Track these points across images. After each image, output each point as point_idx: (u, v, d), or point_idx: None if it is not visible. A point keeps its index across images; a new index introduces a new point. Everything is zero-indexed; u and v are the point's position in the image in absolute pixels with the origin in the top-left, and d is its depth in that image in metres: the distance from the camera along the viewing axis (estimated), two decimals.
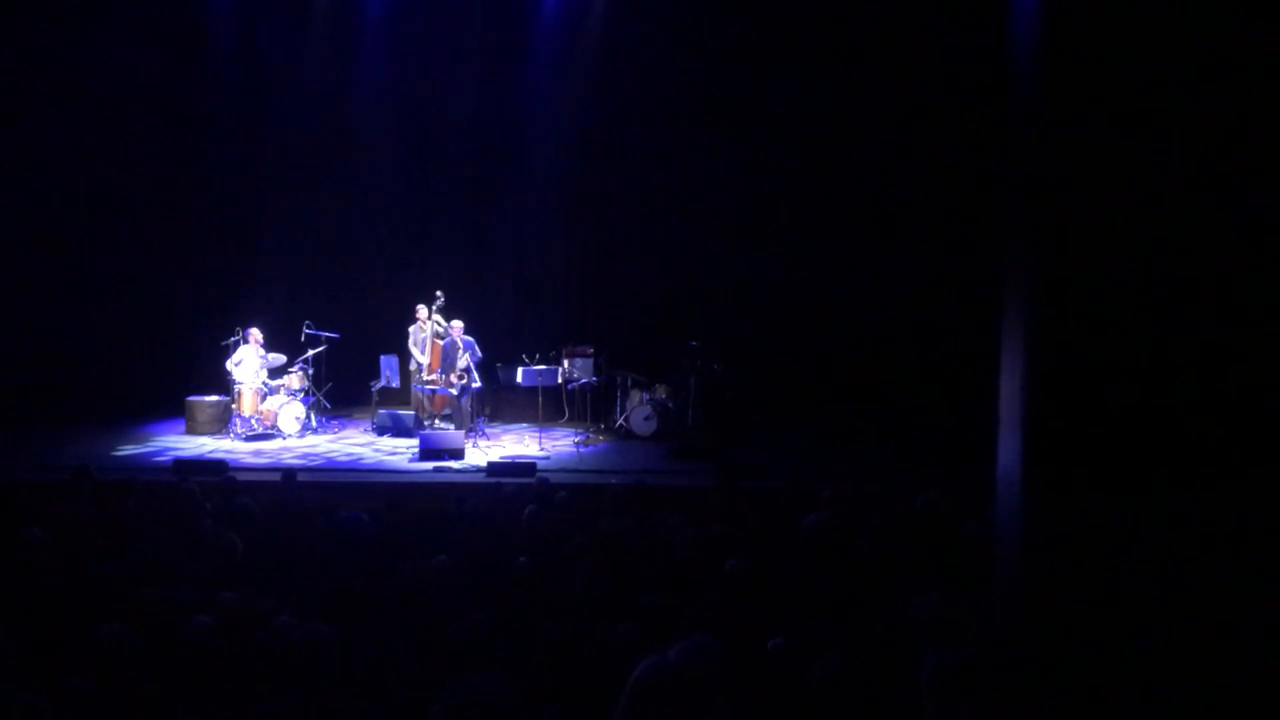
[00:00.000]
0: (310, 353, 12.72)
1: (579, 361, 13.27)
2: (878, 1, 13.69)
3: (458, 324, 12.43)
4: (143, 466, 10.79)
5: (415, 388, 12.76)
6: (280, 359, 12.58)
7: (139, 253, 14.01)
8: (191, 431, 12.46)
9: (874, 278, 13.90)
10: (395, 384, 12.96)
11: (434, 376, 12.51)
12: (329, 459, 11.41)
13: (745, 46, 14.03)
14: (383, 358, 12.91)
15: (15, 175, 13.58)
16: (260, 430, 12.21)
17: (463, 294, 13.16)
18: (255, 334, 12.40)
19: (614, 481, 9.76)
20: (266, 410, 12.25)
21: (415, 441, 11.55)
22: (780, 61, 14.00)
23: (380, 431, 12.57)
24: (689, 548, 6.37)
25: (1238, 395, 1.74)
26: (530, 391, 12.50)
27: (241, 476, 9.34)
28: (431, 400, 12.62)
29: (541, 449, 11.83)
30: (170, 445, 11.90)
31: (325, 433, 12.64)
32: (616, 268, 14.78)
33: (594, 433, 12.83)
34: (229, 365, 12.23)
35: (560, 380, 12.99)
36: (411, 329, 12.75)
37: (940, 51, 13.14)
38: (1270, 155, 1.72)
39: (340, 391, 13.33)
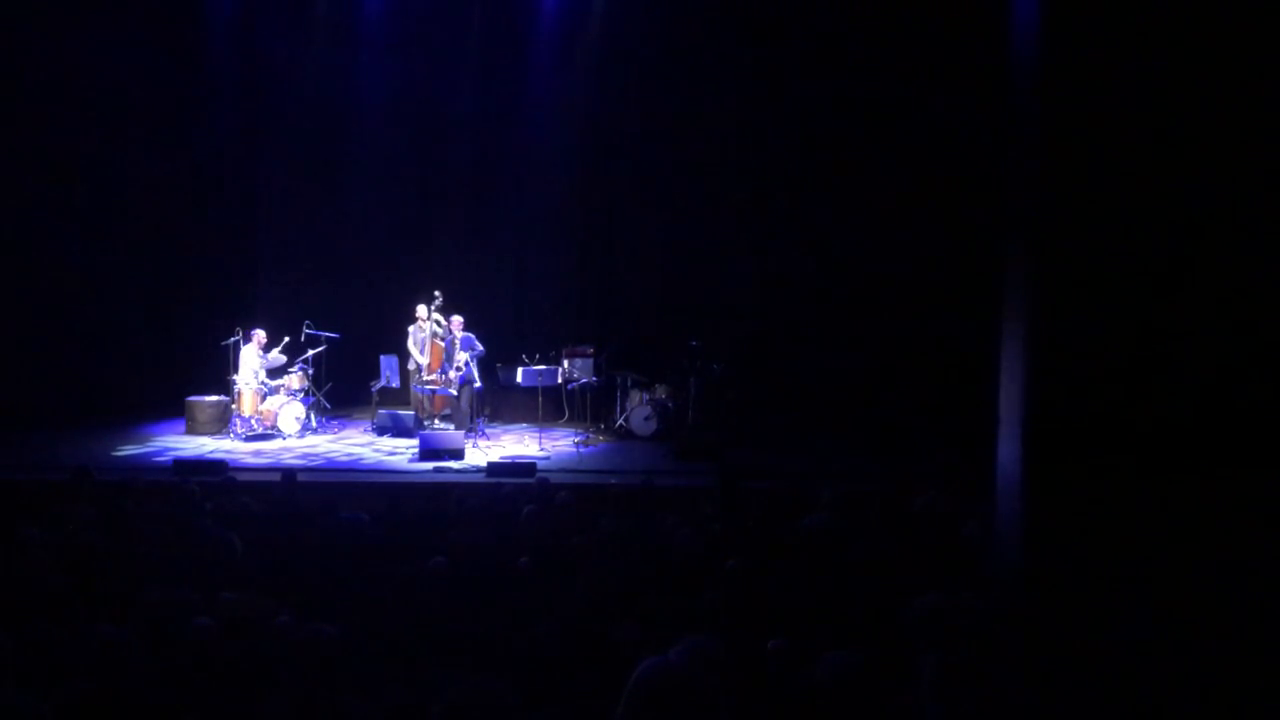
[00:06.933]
0: (310, 353, 12.72)
1: (579, 361, 13.26)
2: None
3: (457, 319, 12.43)
4: (143, 466, 10.78)
5: (415, 388, 12.76)
6: (281, 359, 12.58)
7: (139, 253, 14.00)
8: (191, 432, 12.45)
9: (875, 277, 13.90)
10: (395, 384, 12.96)
11: (434, 376, 12.51)
12: (329, 459, 11.41)
13: (746, 45, 14.03)
14: (383, 358, 12.91)
15: (15, 175, 13.57)
16: (260, 430, 12.20)
17: (463, 293, 13.16)
18: (259, 335, 12.40)
19: (614, 481, 9.76)
20: (266, 410, 12.25)
21: (415, 442, 11.55)
22: (781, 61, 14.00)
23: (380, 431, 12.57)
24: (689, 548, 6.38)
25: (1236, 395, 1.74)
26: (530, 391, 12.50)
27: (241, 476, 9.34)
28: (431, 400, 12.62)
29: (541, 449, 11.83)
30: (170, 445, 11.90)
31: (325, 433, 12.64)
32: (616, 268, 14.78)
33: (594, 433, 12.83)
34: (242, 366, 12.22)
35: (560, 380, 12.98)
36: (411, 329, 12.77)
37: (943, 49, 13.14)
38: (1270, 155, 1.72)
39: (340, 391, 13.33)
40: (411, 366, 12.84)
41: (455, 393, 12.32)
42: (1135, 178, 1.76)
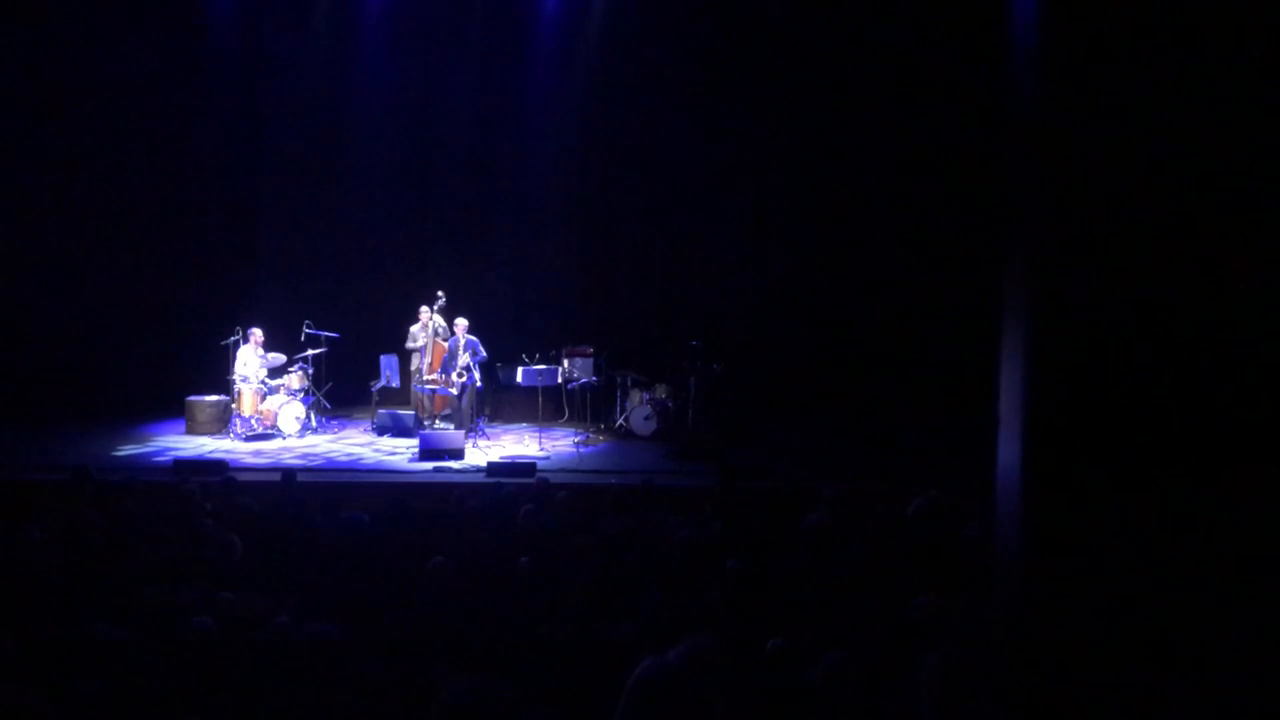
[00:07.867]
0: (310, 352, 12.72)
1: (579, 361, 13.26)
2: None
3: (462, 323, 12.42)
4: (143, 466, 10.78)
5: (416, 388, 12.76)
6: (280, 359, 12.58)
7: (139, 252, 14.00)
8: (191, 431, 12.45)
9: (875, 278, 13.92)
10: (395, 384, 12.96)
11: (434, 376, 12.51)
12: (329, 459, 11.41)
13: (746, 45, 14.04)
14: (383, 358, 12.91)
15: (15, 175, 13.58)
16: (260, 430, 12.20)
17: (463, 294, 13.16)
18: (256, 334, 12.40)
19: (614, 481, 9.76)
20: (266, 410, 12.25)
21: (415, 441, 11.55)
22: (781, 61, 14.02)
23: (380, 431, 12.57)
24: (689, 548, 6.38)
25: (1235, 395, 1.74)
26: (530, 391, 12.50)
27: (241, 476, 9.33)
28: (431, 400, 12.63)
29: (541, 449, 11.83)
30: (170, 445, 11.90)
31: (325, 433, 12.64)
32: (616, 267, 14.79)
33: (594, 433, 12.83)
34: (237, 368, 12.22)
35: (560, 380, 12.98)
36: (414, 329, 12.77)
37: (943, 48, 13.14)
38: (1268, 158, 1.72)
39: (340, 391, 13.33)
40: (412, 366, 12.84)
41: (455, 392, 12.32)
42: (1135, 177, 1.76)
